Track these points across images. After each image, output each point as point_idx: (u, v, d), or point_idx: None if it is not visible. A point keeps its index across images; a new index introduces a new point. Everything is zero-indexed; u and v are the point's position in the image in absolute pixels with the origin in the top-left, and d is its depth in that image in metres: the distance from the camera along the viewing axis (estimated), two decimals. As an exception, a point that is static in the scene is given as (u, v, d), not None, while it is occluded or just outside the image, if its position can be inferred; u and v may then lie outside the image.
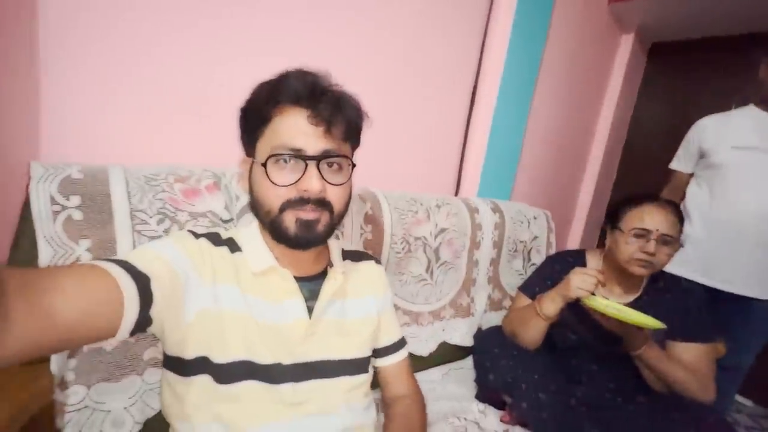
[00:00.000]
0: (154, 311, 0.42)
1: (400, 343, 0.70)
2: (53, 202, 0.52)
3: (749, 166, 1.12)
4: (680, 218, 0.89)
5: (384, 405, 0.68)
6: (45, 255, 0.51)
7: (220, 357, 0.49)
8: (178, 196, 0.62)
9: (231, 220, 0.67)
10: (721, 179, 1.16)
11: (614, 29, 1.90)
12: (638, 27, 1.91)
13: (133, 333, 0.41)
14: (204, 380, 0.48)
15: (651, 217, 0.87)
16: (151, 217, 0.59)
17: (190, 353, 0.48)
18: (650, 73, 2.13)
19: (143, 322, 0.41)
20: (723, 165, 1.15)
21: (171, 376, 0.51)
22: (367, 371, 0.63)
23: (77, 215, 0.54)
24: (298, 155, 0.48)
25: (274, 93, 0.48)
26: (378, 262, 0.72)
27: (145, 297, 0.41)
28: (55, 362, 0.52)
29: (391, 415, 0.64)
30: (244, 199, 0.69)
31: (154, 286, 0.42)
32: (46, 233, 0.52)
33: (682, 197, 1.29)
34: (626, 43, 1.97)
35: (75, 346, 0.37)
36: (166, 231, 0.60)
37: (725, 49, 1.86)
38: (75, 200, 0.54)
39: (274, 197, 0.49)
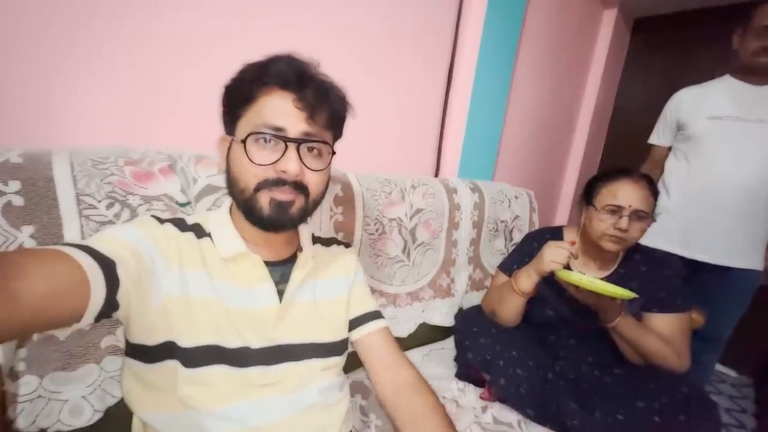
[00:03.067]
0: (121, 295, 0.41)
1: (375, 314, 0.67)
2: (-11, 187, 0.50)
3: (725, 136, 1.11)
4: (654, 192, 0.88)
5: (380, 396, 0.63)
6: (-16, 243, 0.49)
7: (186, 341, 0.48)
8: (128, 180, 0.60)
9: (188, 203, 0.65)
10: (698, 150, 1.16)
11: (596, 4, 1.87)
12: (621, 2, 1.88)
13: (99, 318, 0.40)
14: (171, 365, 0.48)
15: (624, 193, 0.86)
16: (99, 202, 0.57)
17: (156, 339, 0.47)
18: (634, 49, 2.11)
19: (110, 306, 0.40)
20: (699, 136, 1.15)
21: (135, 363, 0.50)
22: (340, 354, 0.62)
23: (18, 201, 0.52)
24: (279, 135, 0.48)
25: (261, 74, 0.48)
26: (348, 246, 0.72)
27: (111, 281, 0.40)
28: (2, 352, 0.50)
29: (399, 414, 0.59)
30: (202, 182, 0.67)
31: (120, 270, 0.41)
32: (-17, 220, 0.49)
33: (662, 172, 1.29)
34: (609, 19, 1.94)
35: (40, 330, 0.36)
36: (117, 215, 0.58)
37: (708, 22, 1.83)
38: (14, 185, 0.51)
39: (250, 176, 0.48)
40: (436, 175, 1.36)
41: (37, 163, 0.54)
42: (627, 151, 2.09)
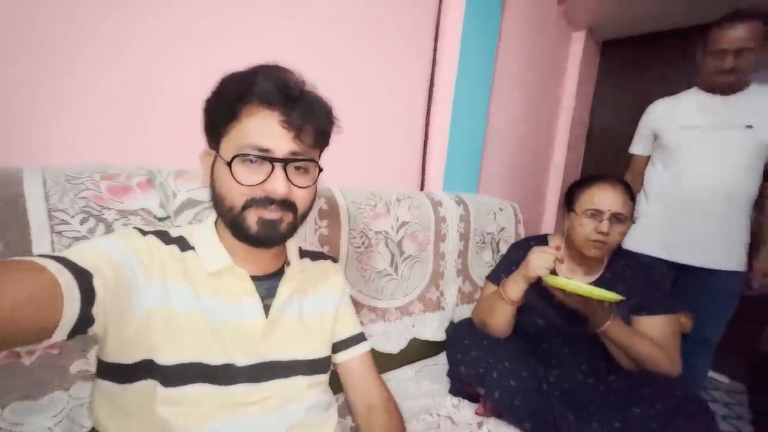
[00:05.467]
0: (97, 309, 0.39)
1: (360, 337, 0.68)
2: (-46, 204, 0.48)
3: (697, 144, 1.16)
4: (631, 196, 0.91)
5: (353, 413, 0.65)
6: (-55, 262, 0.47)
7: (167, 358, 0.46)
8: (104, 194, 0.58)
9: (167, 217, 0.64)
10: (673, 158, 1.21)
11: (566, 27, 1.98)
12: (588, 25, 1.99)
13: (72, 334, 0.37)
14: (148, 385, 0.45)
15: (601, 197, 0.88)
16: (72, 217, 0.55)
17: (133, 356, 0.45)
18: (605, 67, 2.23)
19: (84, 320, 0.38)
20: (673, 144, 1.20)
21: (108, 385, 0.46)
22: (325, 372, 0.61)
23: (-15, 218, 0.50)
24: (266, 157, 0.47)
25: (244, 91, 0.46)
26: (335, 261, 0.72)
27: (87, 293, 0.37)
28: (-41, 381, 0.46)
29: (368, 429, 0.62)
30: (182, 196, 0.66)
31: (97, 283, 0.39)
32: (-54, 238, 0.47)
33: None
34: (578, 41, 2.05)
35: (8, 346, 0.33)
36: (91, 231, 0.56)
37: (670, 42, 1.96)
38: (-18, 203, 0.50)
39: (237, 195, 0.47)
40: (422, 189, 1.37)
41: (7, 180, 0.52)
42: (606, 163, 2.16)
